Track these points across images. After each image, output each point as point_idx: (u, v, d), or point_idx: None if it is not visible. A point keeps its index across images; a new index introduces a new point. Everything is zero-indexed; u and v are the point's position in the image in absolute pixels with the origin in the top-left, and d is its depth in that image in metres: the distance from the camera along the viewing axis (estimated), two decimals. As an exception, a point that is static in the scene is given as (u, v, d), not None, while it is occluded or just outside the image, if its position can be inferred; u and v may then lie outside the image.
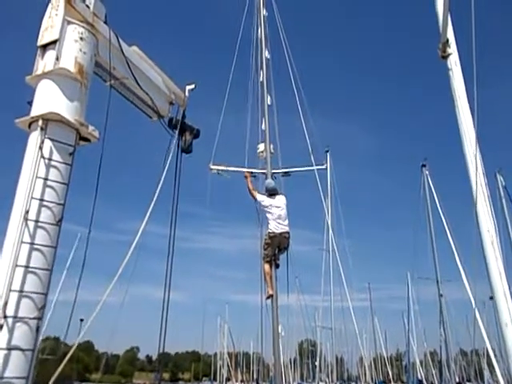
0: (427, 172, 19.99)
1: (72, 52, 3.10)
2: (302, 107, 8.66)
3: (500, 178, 20.78)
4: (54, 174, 2.85)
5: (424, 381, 36.76)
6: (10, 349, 2.43)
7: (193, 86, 4.58)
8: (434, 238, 19.21)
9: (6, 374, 2.39)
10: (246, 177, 7.40)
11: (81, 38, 3.17)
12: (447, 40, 4.98)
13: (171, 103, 4.43)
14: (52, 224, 2.78)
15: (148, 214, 3.24)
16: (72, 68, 3.07)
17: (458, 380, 18.27)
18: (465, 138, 4.81)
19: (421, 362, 41.29)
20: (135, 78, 3.72)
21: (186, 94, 4.54)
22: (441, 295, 18.98)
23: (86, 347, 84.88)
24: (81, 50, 3.15)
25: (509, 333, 4.25)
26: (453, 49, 4.97)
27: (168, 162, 3.94)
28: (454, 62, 4.95)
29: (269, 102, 8.12)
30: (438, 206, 17.90)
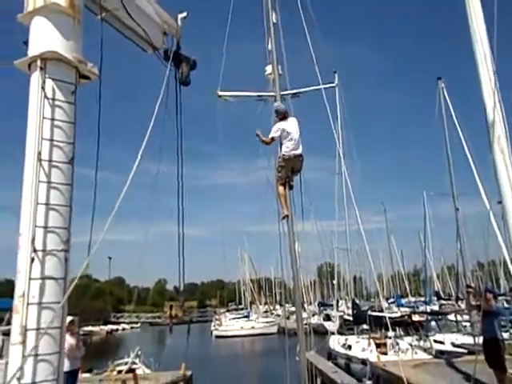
0: (443, 85, 19.33)
1: (59, -15, 2.99)
2: (309, 26, 8.25)
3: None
4: (59, 114, 2.89)
5: (441, 292, 38.44)
6: (43, 278, 2.65)
7: (185, 14, 4.38)
8: (450, 152, 19.06)
9: (44, 300, 2.63)
10: (257, 135, 7.06)
11: (67, -31, 3.03)
12: None
13: (165, 34, 4.28)
14: (65, 163, 2.88)
15: (142, 147, 3.27)
16: (63, 2, 2.98)
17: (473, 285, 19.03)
18: (480, 59, 4.61)
19: (438, 276, 42.96)
20: (126, 9, 3.59)
21: (179, 23, 4.36)
22: (457, 209, 19.25)
23: (118, 282, 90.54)
24: (68, -18, 3.03)
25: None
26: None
27: (165, 95, 3.88)
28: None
29: (274, 20, 7.74)
30: (454, 119, 17.53)
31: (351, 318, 22.30)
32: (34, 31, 2.98)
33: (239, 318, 44.49)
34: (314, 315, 34.35)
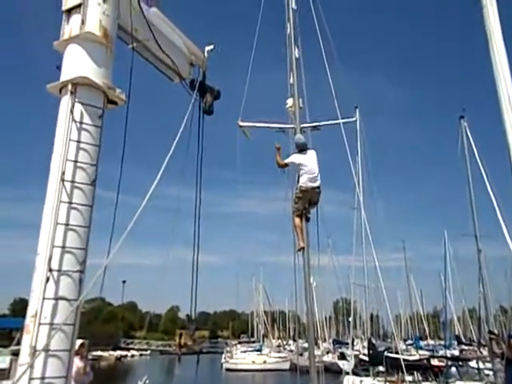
0: (465, 123, 19.16)
1: (96, 15, 3.15)
2: (330, 60, 8.42)
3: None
4: (85, 137, 2.97)
5: (462, 337, 36.82)
6: (56, 299, 2.64)
7: (212, 47, 4.56)
8: (472, 192, 18.68)
9: (55, 321, 2.61)
10: (277, 149, 7.20)
11: (103, 1, 3.20)
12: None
13: (192, 64, 4.45)
14: (87, 184, 2.93)
15: (160, 172, 3.31)
16: (97, 31, 3.13)
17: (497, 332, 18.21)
18: (499, 78, 4.58)
19: (458, 319, 41.29)
20: (156, 40, 3.74)
21: (205, 54, 4.53)
22: (480, 250, 18.64)
23: (131, 307, 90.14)
24: (104, 13, 3.19)
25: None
26: (487, -14, 4.67)
27: (188, 123, 3.96)
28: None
29: (296, 55, 7.95)
30: (478, 158, 17.22)
31: (367, 358, 21.44)
32: (67, 57, 3.12)
33: (251, 351, 43.39)
34: (328, 353, 33.31)
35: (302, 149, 7.03)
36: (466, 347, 30.30)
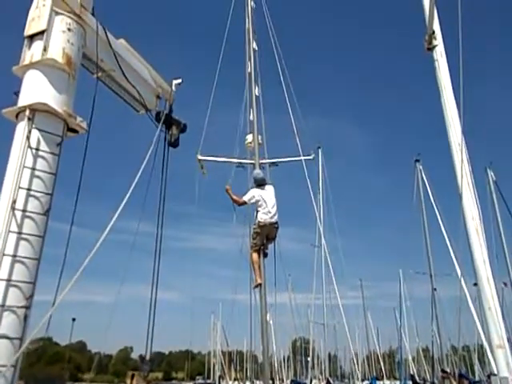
0: (421, 167, 20.13)
1: (60, 43, 3.11)
2: (291, 100, 8.74)
3: (490, 173, 21.00)
4: (41, 164, 2.85)
5: (416, 376, 37.06)
6: (-3, 337, 2.43)
7: (179, 81, 4.61)
8: (427, 233, 19.37)
9: (-6, 362, 2.39)
10: (226, 190, 7.15)
11: (68, 29, 3.17)
12: (433, 32, 5.07)
13: (158, 97, 4.45)
14: (40, 214, 2.78)
15: (121, 206, 3.21)
16: (60, 59, 3.08)
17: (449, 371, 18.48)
18: (450, 128, 4.89)
19: (413, 358, 41.68)
20: (122, 71, 3.73)
21: (173, 88, 4.56)
22: (434, 289, 19.14)
23: (79, 347, 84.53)
24: (68, 41, 3.16)
25: (492, 318, 4.35)
26: (439, 40, 5.06)
27: (153, 155, 3.92)
28: (439, 53, 5.04)
29: (256, 93, 8.17)
30: (432, 200, 18.03)
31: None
32: (26, 83, 3.03)
33: (206, 393, 41.52)
34: (286, 394, 32.41)
35: (260, 184, 7.10)
36: (420, 387, 30.47)
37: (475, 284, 4.82)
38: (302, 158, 8.26)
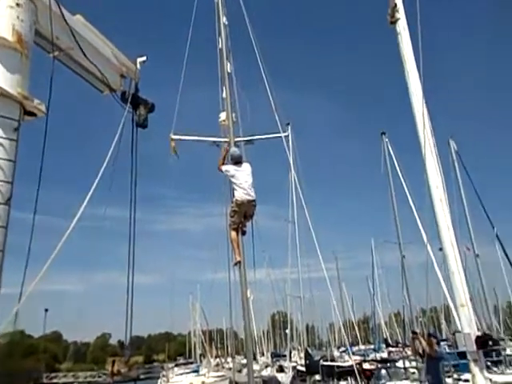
0: (387, 139, 20.60)
1: (8, 19, 2.89)
2: (263, 76, 8.64)
3: (453, 144, 21.76)
4: (-2, 151, 2.70)
5: (389, 340, 38.80)
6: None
7: (144, 58, 4.43)
8: (395, 202, 19.98)
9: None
10: (225, 150, 7.25)
11: (17, 4, 2.95)
12: (395, 5, 5.10)
13: (123, 76, 4.27)
14: (0, 203, 2.65)
15: (90, 192, 3.12)
16: (9, 36, 2.87)
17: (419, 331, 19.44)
18: (413, 99, 4.99)
19: (386, 323, 43.57)
20: (81, 49, 3.54)
21: (138, 66, 4.39)
22: (403, 256, 19.89)
23: (54, 337, 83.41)
24: (18, 18, 2.94)
25: (456, 280, 4.59)
26: (401, 14, 5.11)
27: (120, 137, 3.80)
28: (402, 26, 5.11)
29: (229, 70, 8.01)
30: (398, 171, 18.56)
31: (304, 369, 21.76)
32: (-25, 64, 2.83)
33: (188, 372, 42.01)
34: (267, 367, 33.25)
35: (236, 161, 7.07)
36: (393, 349, 31.96)
37: (440, 249, 5.04)
38: (277, 135, 8.26)
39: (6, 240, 2.67)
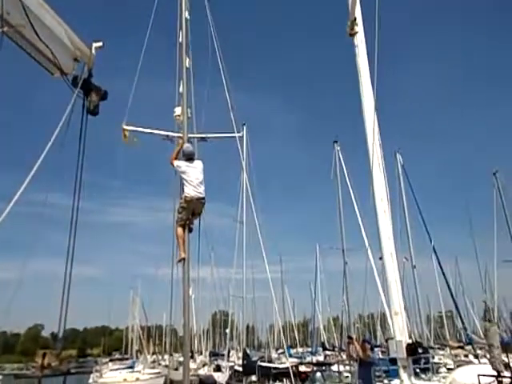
0: (338, 148, 21.31)
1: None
2: (222, 73, 8.68)
3: (399, 157, 22.91)
4: None
5: (326, 343, 40.03)
6: None
7: (100, 44, 4.28)
8: (341, 210, 20.70)
9: None
10: (180, 145, 7.21)
11: (-35, -27, 2.80)
12: (355, 18, 5.30)
13: (76, 60, 4.11)
14: None
15: (31, 174, 3.01)
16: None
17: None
18: (365, 111, 5.22)
19: (324, 327, 44.92)
20: (33, 27, 3.38)
21: (93, 51, 4.24)
22: (346, 263, 20.65)
23: (-20, 327, 78.25)
24: (-35, -13, 2.79)
25: (392, 288, 4.86)
26: (360, 27, 5.32)
27: (67, 122, 3.67)
28: (360, 39, 5.32)
29: (187, 65, 7.93)
30: (347, 179, 19.26)
31: (241, 369, 21.93)
32: None
33: (123, 368, 40.87)
34: (204, 365, 33.12)
35: (189, 157, 7.03)
36: (329, 353, 33.07)
37: (380, 258, 5.30)
38: (231, 134, 8.29)
39: None
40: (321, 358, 31.58)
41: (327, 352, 33.76)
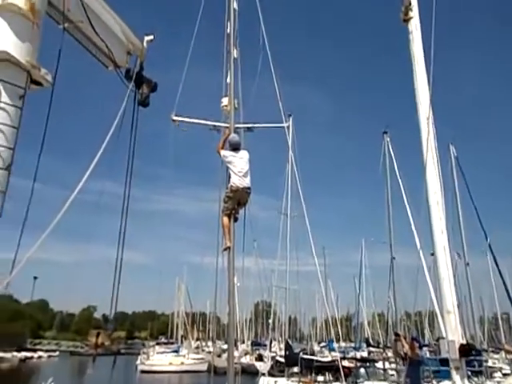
0: (388, 139, 20.54)
1: (22, -13, 2.89)
2: (270, 64, 8.66)
3: (452, 149, 21.75)
4: (2, 117, 2.72)
5: (370, 339, 39.26)
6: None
7: (151, 37, 4.41)
8: (390, 203, 20.02)
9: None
10: (226, 134, 7.23)
11: (32, -27, 2.95)
12: (410, 3, 5.06)
13: (129, 53, 4.26)
14: (1, 168, 2.68)
15: (93, 165, 3.15)
16: (23, 5, 2.88)
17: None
18: (419, 101, 4.98)
19: (368, 323, 44.05)
20: (91, 23, 3.54)
21: (145, 45, 4.37)
22: (393, 258, 19.99)
23: (41, 305, 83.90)
24: (32, -14, 2.94)
25: (445, 286, 4.64)
26: (414, 12, 5.07)
27: (122, 114, 3.81)
28: (414, 25, 5.07)
29: (235, 55, 7.96)
30: (397, 172, 18.51)
31: (283, 360, 22.03)
32: (-15, 29, 2.83)
33: (168, 352, 42.45)
34: (246, 354, 33.63)
35: (235, 148, 7.08)
36: (373, 349, 32.38)
37: (432, 254, 5.09)
38: (278, 125, 8.24)
39: (3, 205, 2.71)
40: (364, 354, 31.03)
41: (371, 348, 33.09)
